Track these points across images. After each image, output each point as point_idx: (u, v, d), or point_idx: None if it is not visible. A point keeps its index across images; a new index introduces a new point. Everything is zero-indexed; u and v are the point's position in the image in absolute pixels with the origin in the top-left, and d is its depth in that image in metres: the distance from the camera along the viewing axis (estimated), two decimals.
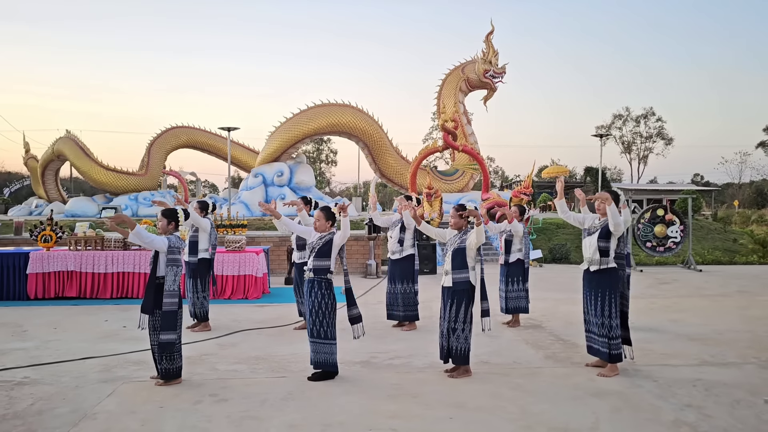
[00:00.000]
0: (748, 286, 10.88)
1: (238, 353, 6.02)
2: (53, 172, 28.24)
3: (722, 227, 21.21)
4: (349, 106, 21.82)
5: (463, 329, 5.12)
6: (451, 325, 5.14)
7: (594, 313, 5.30)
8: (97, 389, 4.81)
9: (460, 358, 5.14)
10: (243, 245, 9.55)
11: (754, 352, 6.02)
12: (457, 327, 5.12)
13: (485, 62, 20.92)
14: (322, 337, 5.06)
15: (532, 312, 7.73)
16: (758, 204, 49.24)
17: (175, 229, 5.18)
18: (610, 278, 5.23)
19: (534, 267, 13.68)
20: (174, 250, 4.95)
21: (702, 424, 4.07)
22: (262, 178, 21.69)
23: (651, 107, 60.15)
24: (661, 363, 5.63)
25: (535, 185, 31.83)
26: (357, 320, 5.28)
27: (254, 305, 8.77)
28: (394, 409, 4.35)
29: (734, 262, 15.92)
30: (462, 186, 21.43)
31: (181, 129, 26.57)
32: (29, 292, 9.06)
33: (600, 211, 5.34)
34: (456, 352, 5.13)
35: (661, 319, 7.82)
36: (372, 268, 12.27)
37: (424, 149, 16.36)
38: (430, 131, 54.72)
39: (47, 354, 5.94)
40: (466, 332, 5.13)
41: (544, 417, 4.20)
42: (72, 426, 4.04)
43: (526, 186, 13.81)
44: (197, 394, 4.69)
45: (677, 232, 13.54)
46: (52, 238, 9.53)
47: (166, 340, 4.85)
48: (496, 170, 67.58)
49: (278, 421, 4.13)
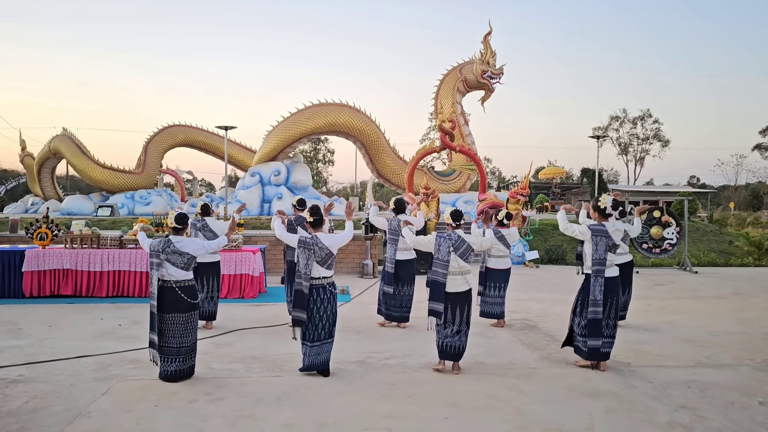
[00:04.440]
0: (743, 288, 10.91)
1: (234, 352, 6.01)
2: (49, 170, 28.18)
3: (718, 229, 21.28)
4: (347, 106, 21.81)
5: (468, 329, 5.38)
6: (463, 328, 5.30)
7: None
8: (92, 388, 4.80)
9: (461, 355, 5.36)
10: (239, 244, 9.53)
11: (749, 354, 6.04)
12: (466, 328, 5.34)
13: (483, 63, 20.93)
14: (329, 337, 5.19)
15: (528, 313, 7.74)
16: (754, 206, 49.45)
17: (175, 232, 5.19)
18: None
19: (530, 268, 13.70)
20: (152, 254, 5.01)
21: (696, 426, 4.09)
22: (259, 178, 21.67)
23: (648, 109, 60.41)
24: (656, 364, 5.64)
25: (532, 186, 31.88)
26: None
27: (250, 304, 8.76)
28: (389, 409, 4.35)
29: (730, 264, 15.96)
30: (459, 186, 21.44)
31: (178, 128, 26.53)
32: (24, 290, 9.02)
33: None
34: (463, 349, 5.34)
35: (656, 320, 7.84)
36: (368, 267, 12.26)
37: (422, 149, 16.37)
38: (427, 131, 54.80)
39: (42, 352, 5.92)
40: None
41: (539, 417, 4.21)
42: (66, 424, 4.03)
43: (523, 187, 13.83)
44: (192, 393, 4.68)
45: (673, 233, 13.57)
46: (48, 236, 9.49)
47: (150, 339, 5.02)
48: (493, 171, 67.73)
49: (273, 420, 4.13)
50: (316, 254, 5.05)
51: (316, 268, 5.08)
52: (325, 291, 5.12)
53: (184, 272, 5.07)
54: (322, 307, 5.10)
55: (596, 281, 5.32)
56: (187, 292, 5.06)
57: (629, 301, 7.44)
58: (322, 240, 5.08)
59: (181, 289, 5.03)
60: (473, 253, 5.37)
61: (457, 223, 5.38)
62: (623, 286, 7.07)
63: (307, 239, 5.09)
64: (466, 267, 5.29)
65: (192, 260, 5.14)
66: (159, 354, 4.97)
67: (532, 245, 14.80)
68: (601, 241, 5.33)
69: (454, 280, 5.24)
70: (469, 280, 5.30)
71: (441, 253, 5.26)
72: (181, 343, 5.00)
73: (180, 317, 5.01)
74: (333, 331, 5.21)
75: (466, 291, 5.29)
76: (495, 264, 7.27)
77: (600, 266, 5.32)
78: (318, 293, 5.10)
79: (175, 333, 4.99)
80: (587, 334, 5.36)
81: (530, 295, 9.40)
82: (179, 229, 5.19)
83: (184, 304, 5.02)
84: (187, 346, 5.05)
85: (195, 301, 5.11)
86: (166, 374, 4.97)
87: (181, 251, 5.04)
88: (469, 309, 5.32)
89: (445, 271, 5.23)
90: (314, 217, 5.24)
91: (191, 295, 5.09)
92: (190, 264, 5.13)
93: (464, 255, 5.28)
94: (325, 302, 5.12)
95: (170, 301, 5.00)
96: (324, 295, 5.11)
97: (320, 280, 5.10)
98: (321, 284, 5.11)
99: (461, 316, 5.26)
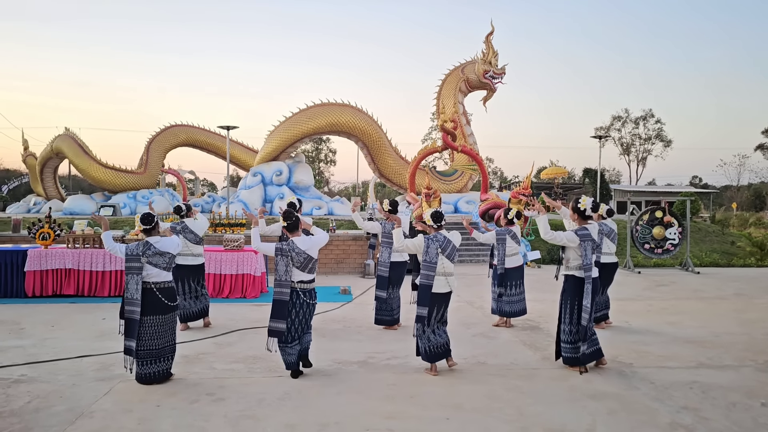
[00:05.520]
0: (745, 289, 10.90)
1: (236, 352, 6.01)
2: (52, 170, 28.18)
3: (720, 230, 21.22)
4: (349, 106, 21.80)
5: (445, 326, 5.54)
6: (438, 326, 5.39)
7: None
8: (94, 387, 4.81)
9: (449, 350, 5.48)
10: (241, 244, 9.55)
11: (751, 355, 6.03)
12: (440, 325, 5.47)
13: (485, 63, 20.90)
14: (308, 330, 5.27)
15: (530, 313, 7.74)
16: (756, 207, 49.33)
17: (147, 234, 5.09)
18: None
19: (532, 268, 13.68)
20: (130, 258, 4.91)
21: (698, 427, 4.08)
22: (261, 177, 21.66)
23: (650, 109, 60.24)
24: (657, 365, 5.63)
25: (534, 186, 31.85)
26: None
27: (252, 304, 8.77)
28: (391, 410, 4.35)
29: (732, 264, 15.93)
30: (461, 186, 21.41)
31: (180, 127, 26.52)
32: (27, 290, 9.04)
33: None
34: (447, 344, 5.44)
35: (658, 321, 7.83)
36: (370, 268, 12.27)
37: (424, 149, 16.35)
38: (429, 131, 54.69)
39: (44, 352, 5.93)
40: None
41: (541, 418, 4.20)
42: (68, 424, 4.04)
43: (524, 187, 13.81)
44: (194, 393, 4.68)
45: (675, 234, 13.56)
46: (50, 235, 9.52)
47: (126, 345, 4.92)
48: (495, 171, 67.61)
49: (275, 420, 4.13)
50: (294, 260, 4.99)
51: (297, 273, 5.03)
52: (303, 295, 5.06)
53: (166, 273, 5.01)
54: (301, 312, 5.06)
55: (587, 287, 5.25)
56: (165, 294, 4.99)
57: (608, 301, 7.51)
58: (298, 245, 5.01)
59: (160, 291, 4.97)
60: (457, 254, 5.41)
61: (438, 224, 5.41)
62: (603, 286, 7.13)
63: (283, 246, 5.00)
64: (450, 268, 5.34)
65: (173, 259, 5.09)
66: (136, 359, 4.88)
67: (534, 245, 14.77)
68: (588, 245, 5.30)
69: (438, 281, 5.28)
70: (451, 282, 5.33)
71: (429, 254, 5.28)
72: (159, 345, 4.94)
73: (157, 319, 4.94)
74: (309, 325, 5.21)
75: (447, 293, 5.35)
76: (511, 263, 7.28)
77: (590, 271, 5.27)
78: (298, 297, 5.03)
79: (153, 335, 4.93)
80: (578, 339, 5.35)
81: (532, 296, 9.37)
82: (149, 229, 5.09)
83: (162, 306, 4.96)
84: (166, 348, 4.98)
85: (173, 303, 5.04)
86: (143, 377, 4.90)
87: (161, 251, 4.96)
88: (444, 310, 5.40)
89: (433, 273, 5.26)
90: (288, 222, 5.13)
91: (169, 297, 5.02)
92: (171, 263, 5.08)
93: (450, 255, 5.33)
94: (305, 307, 5.07)
95: (149, 303, 4.92)
96: (305, 299, 5.07)
97: (301, 284, 5.05)
98: (303, 288, 5.06)
99: (437, 317, 5.34)
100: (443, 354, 5.32)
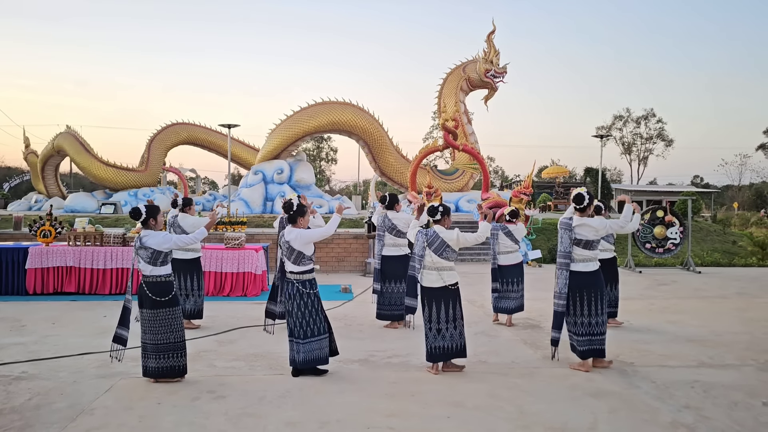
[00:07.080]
0: (746, 288, 10.88)
1: (237, 350, 6.01)
2: (53, 168, 28.20)
3: (721, 229, 21.22)
4: (350, 105, 21.79)
5: (454, 329, 5.34)
6: (443, 326, 5.26)
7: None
8: (95, 385, 4.81)
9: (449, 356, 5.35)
10: (242, 242, 9.55)
11: (753, 354, 6.03)
12: (446, 326, 5.28)
13: (486, 62, 20.88)
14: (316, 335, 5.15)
15: (531, 312, 7.73)
16: (758, 206, 49.21)
17: (143, 227, 5.11)
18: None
19: (533, 267, 13.68)
20: (134, 249, 5.06)
21: (700, 426, 4.07)
22: (262, 176, 21.66)
23: (651, 108, 60.19)
24: (659, 364, 5.63)
25: (535, 185, 31.83)
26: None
27: (253, 302, 8.76)
28: (392, 408, 4.35)
29: (733, 264, 15.92)
30: (462, 185, 21.41)
31: (181, 126, 26.53)
32: (28, 287, 9.05)
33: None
34: (450, 350, 5.30)
35: (659, 320, 7.82)
36: (371, 266, 12.26)
37: (425, 148, 16.34)
38: (430, 130, 54.70)
39: (45, 349, 5.94)
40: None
41: (542, 417, 4.20)
42: (69, 421, 4.04)
43: (526, 186, 13.81)
44: (195, 391, 4.68)
45: (677, 233, 13.54)
46: (52, 233, 9.53)
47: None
48: (496, 170, 67.54)
49: (276, 418, 4.13)
50: (283, 250, 5.19)
51: (287, 263, 5.18)
52: (292, 287, 5.11)
53: (152, 267, 4.94)
54: (293, 303, 5.08)
55: (561, 274, 5.38)
56: (151, 288, 4.92)
57: (617, 299, 7.45)
58: (285, 235, 5.15)
59: (147, 285, 4.93)
60: (451, 251, 5.28)
61: (434, 218, 5.40)
62: (608, 282, 7.07)
63: (280, 236, 5.34)
64: (441, 263, 5.26)
65: (158, 255, 4.96)
66: (141, 350, 4.90)
67: (535, 244, 14.79)
68: (565, 234, 5.41)
69: (428, 275, 5.26)
70: (445, 277, 5.24)
71: (417, 247, 5.37)
72: (154, 341, 4.89)
73: (146, 313, 4.92)
74: (315, 330, 5.08)
75: (441, 287, 5.23)
76: (505, 260, 7.38)
77: (565, 259, 5.37)
78: (286, 287, 5.17)
79: (147, 329, 4.92)
80: (589, 333, 5.36)
81: (533, 294, 9.36)
82: (142, 222, 5.10)
83: (148, 300, 4.92)
84: (163, 344, 4.89)
85: (159, 298, 4.92)
86: (145, 370, 4.93)
87: (145, 245, 4.94)
88: (451, 309, 5.24)
89: (418, 265, 5.31)
90: (288, 213, 5.22)
91: (155, 292, 4.92)
92: (157, 259, 4.95)
93: (438, 251, 5.24)
94: (298, 298, 5.06)
95: (139, 296, 4.96)
96: (292, 291, 5.09)
97: (292, 275, 5.13)
98: (289, 279, 5.14)
99: (438, 314, 5.23)
100: (444, 357, 5.26)
